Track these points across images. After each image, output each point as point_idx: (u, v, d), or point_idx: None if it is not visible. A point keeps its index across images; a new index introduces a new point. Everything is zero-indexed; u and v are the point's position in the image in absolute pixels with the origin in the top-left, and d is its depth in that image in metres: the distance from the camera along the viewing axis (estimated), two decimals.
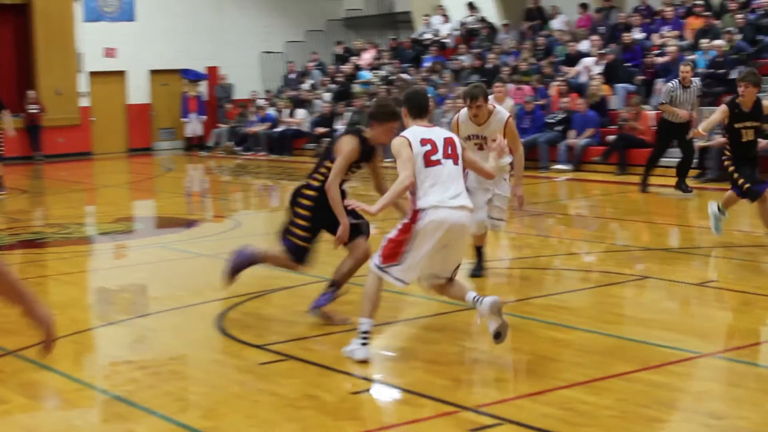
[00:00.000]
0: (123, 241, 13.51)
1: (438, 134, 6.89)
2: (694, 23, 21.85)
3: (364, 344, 6.82)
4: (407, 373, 6.68)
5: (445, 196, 6.70)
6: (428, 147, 6.77)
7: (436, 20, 28.96)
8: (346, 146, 7.58)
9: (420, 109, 7.05)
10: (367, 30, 31.94)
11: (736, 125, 10.68)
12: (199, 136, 30.23)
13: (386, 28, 31.62)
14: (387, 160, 9.18)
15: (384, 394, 6.43)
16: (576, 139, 20.35)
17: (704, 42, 20.50)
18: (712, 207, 11.10)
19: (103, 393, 6.54)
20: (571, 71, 22.41)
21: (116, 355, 7.46)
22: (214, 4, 31.34)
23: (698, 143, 17.29)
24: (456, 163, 6.83)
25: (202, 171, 25.62)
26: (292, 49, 32.16)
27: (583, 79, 22.05)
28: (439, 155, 6.77)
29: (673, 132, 16.20)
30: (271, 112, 28.62)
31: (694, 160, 16.97)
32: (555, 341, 7.35)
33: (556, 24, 25.74)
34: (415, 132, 6.88)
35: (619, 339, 7.33)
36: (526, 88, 22.12)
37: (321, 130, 26.52)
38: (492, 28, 27.22)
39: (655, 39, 22.15)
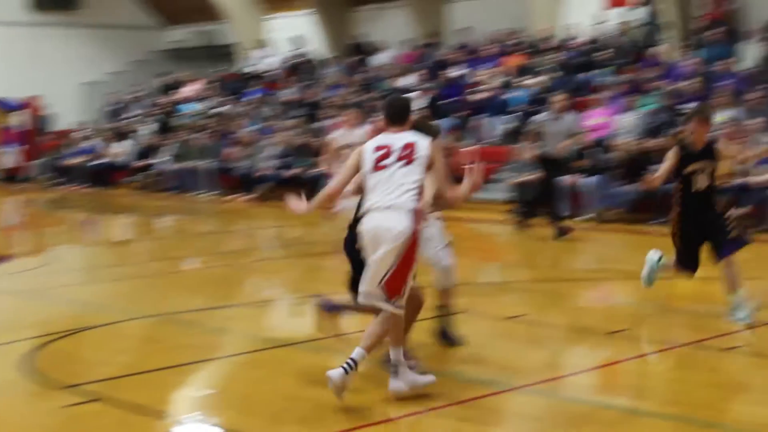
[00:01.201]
0: None
1: (400, 139, 6.74)
2: (514, 61, 22.45)
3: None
4: (223, 412, 6.56)
5: (381, 199, 6.61)
6: (382, 152, 6.68)
7: (262, 53, 28.93)
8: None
9: (392, 117, 6.86)
10: (193, 61, 31.64)
11: (686, 170, 8.97)
12: (18, 168, 29.27)
13: (212, 59, 31.40)
14: None
15: None
16: None
17: (524, 79, 21.07)
18: (653, 256, 9.56)
19: None
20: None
21: None
22: (33, 33, 30.52)
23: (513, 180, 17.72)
24: (409, 163, 6.65)
25: (18, 204, 24.80)
26: (114, 80, 31.57)
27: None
28: (389, 160, 6.66)
29: (551, 165, 15.21)
30: (92, 143, 27.97)
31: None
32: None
33: (380, 59, 26.05)
34: (378, 139, 6.82)
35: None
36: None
37: (142, 163, 26.08)
38: (318, 62, 27.38)
39: (475, 76, 22.65)
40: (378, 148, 6.72)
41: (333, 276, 12.49)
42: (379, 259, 6.54)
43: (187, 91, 28.98)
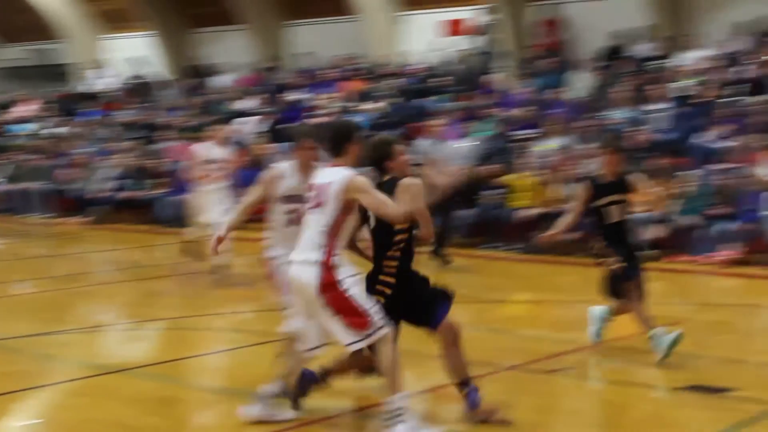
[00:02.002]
0: None
1: (322, 177, 6.39)
2: (354, 86, 22.66)
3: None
4: None
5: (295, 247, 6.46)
6: (312, 194, 6.41)
7: (100, 73, 28.42)
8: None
9: (328, 146, 6.51)
10: (28, 80, 30.84)
11: (597, 203, 8.61)
12: None
13: (48, 79, 30.66)
14: None
15: None
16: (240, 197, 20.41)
17: (363, 105, 21.28)
18: (596, 311, 8.98)
19: None
20: (234, 129, 22.56)
21: None
22: None
23: None
24: (319, 207, 6.32)
25: None
26: None
27: (246, 137, 22.27)
28: (309, 203, 6.41)
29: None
30: None
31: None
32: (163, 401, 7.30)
33: (220, 82, 25.91)
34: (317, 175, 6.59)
35: None
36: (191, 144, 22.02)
37: None
38: (157, 84, 27.06)
39: (316, 100, 22.75)
40: (311, 188, 6.41)
41: (169, 300, 12.36)
42: (317, 315, 6.24)
43: (20, 110, 28.21)
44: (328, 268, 6.14)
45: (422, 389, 7.32)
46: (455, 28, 22.66)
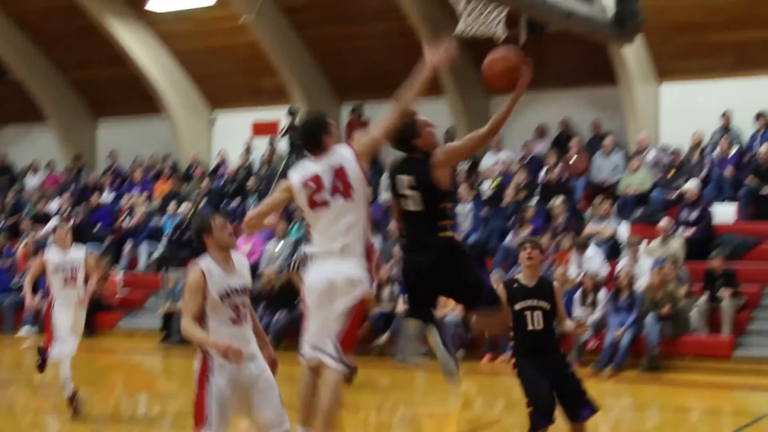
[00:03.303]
0: None
1: (324, 163, 6.26)
2: (163, 187, 22.45)
3: None
4: None
5: (327, 243, 6.21)
6: (312, 186, 6.21)
7: None
8: None
9: (307, 143, 6.40)
10: None
11: (518, 306, 7.66)
12: None
13: None
14: None
15: None
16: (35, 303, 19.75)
17: (171, 206, 21.07)
18: None
19: None
20: (41, 231, 22.00)
21: None
22: None
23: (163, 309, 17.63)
24: (347, 195, 6.18)
25: None
26: None
27: (50, 240, 21.71)
28: (323, 195, 6.20)
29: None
30: None
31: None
32: None
33: (27, 181, 25.24)
34: (301, 170, 6.37)
35: None
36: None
37: None
38: None
39: (125, 201, 22.43)
40: (311, 181, 6.25)
41: None
42: (333, 312, 6.09)
43: None
44: (370, 262, 6.20)
45: None
46: (267, 128, 22.81)
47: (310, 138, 6.37)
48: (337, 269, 6.12)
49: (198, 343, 5.99)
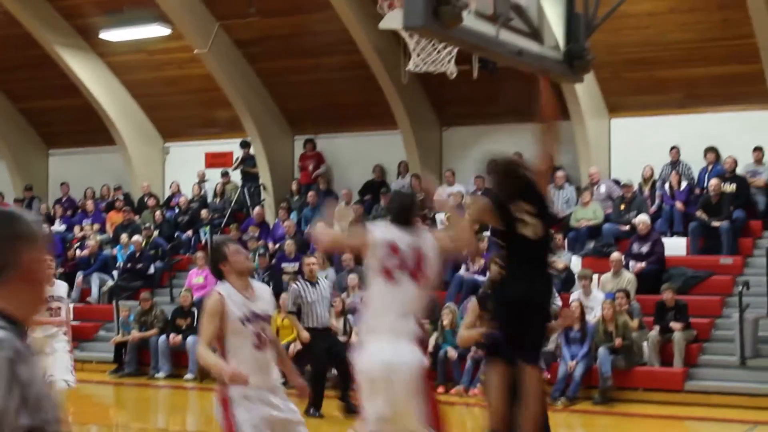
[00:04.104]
0: None
1: (409, 240, 6.27)
2: (115, 217, 22.32)
3: None
4: None
5: (391, 323, 6.14)
6: (394, 257, 6.17)
7: None
8: None
9: (397, 215, 6.41)
10: None
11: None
12: None
13: None
14: None
15: None
16: None
17: (124, 237, 20.96)
18: None
19: None
20: None
21: None
22: None
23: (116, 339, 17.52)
24: (418, 279, 6.18)
25: None
26: None
27: None
28: (399, 272, 6.16)
29: (320, 340, 12.73)
30: None
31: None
32: None
33: None
34: (386, 232, 6.34)
35: None
36: None
37: None
38: None
39: (77, 231, 22.29)
40: (391, 247, 6.18)
41: None
42: (404, 404, 5.95)
43: None
44: (425, 349, 6.14)
45: None
46: (220, 160, 22.79)
47: (403, 213, 6.41)
48: (397, 352, 6.03)
49: (208, 368, 6.01)
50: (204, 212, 21.21)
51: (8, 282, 2.69)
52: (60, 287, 10.58)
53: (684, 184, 17.64)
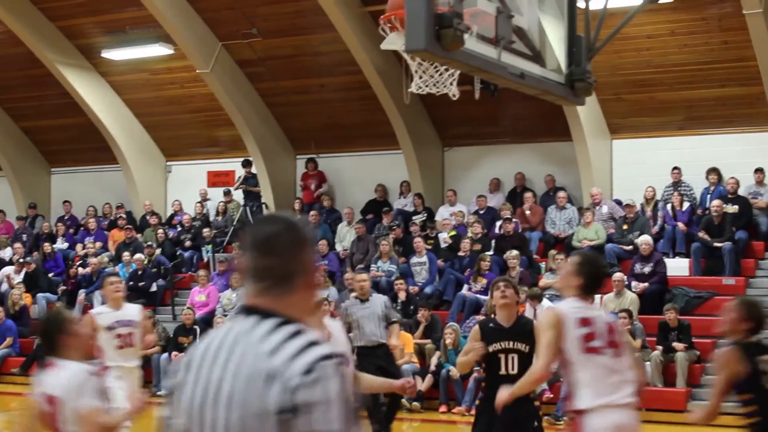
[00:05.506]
0: None
1: (599, 313, 6.34)
2: (117, 235, 22.32)
3: None
4: None
5: (613, 394, 6.09)
6: (587, 330, 6.02)
7: None
8: None
9: (589, 283, 6.30)
10: None
11: (491, 348, 7.31)
12: None
13: None
14: None
15: None
16: None
17: (126, 255, 20.97)
18: None
19: None
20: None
21: None
22: None
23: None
24: (618, 350, 6.15)
25: None
26: None
27: (3, 287, 21.50)
28: (598, 342, 6.04)
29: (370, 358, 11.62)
30: None
31: None
32: None
33: None
34: (577, 309, 6.15)
35: None
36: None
37: None
38: None
39: (79, 249, 22.29)
40: (583, 323, 6.05)
41: None
42: None
43: None
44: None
45: None
46: (222, 179, 22.82)
47: (595, 283, 6.37)
48: (624, 420, 6.21)
49: None
50: (206, 231, 21.22)
51: (296, 289, 2.64)
52: (132, 310, 9.32)
53: (686, 205, 17.64)
